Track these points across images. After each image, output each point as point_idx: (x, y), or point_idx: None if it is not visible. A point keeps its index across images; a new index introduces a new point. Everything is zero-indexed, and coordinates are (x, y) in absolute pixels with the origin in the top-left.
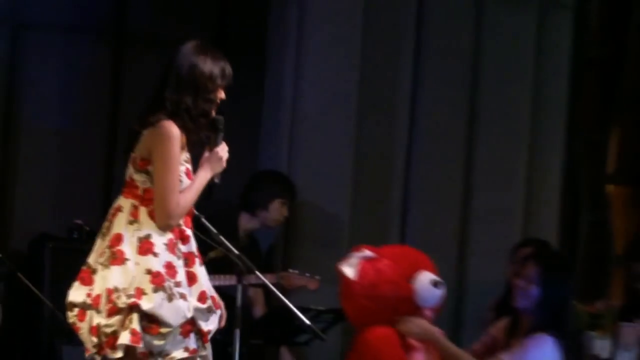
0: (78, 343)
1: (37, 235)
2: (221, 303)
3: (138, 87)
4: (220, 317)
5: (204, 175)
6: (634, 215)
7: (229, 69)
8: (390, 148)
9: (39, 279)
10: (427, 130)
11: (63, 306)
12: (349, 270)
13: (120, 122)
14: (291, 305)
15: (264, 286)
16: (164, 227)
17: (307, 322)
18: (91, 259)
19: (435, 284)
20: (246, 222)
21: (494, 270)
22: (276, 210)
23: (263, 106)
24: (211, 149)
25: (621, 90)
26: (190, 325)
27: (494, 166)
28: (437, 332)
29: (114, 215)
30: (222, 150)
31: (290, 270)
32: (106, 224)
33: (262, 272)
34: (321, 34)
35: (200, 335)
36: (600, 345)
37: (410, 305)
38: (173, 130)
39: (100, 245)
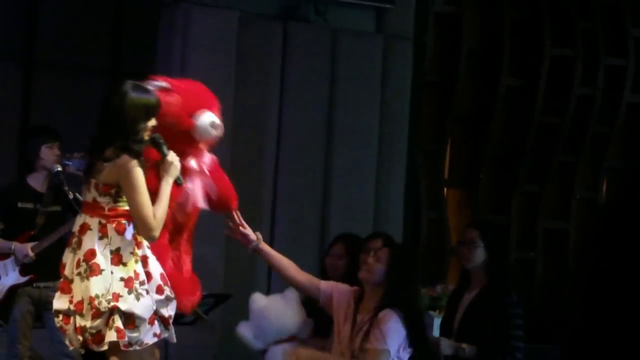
0: None
1: None
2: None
3: (44, 105)
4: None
5: (165, 184)
6: (465, 213)
7: (153, 101)
8: (261, 158)
9: None
10: (292, 142)
11: None
12: None
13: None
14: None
15: None
16: (149, 239)
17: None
18: (67, 271)
19: (212, 125)
20: (38, 182)
21: None
22: (48, 154)
23: None
24: (162, 160)
25: (453, 109)
26: (154, 315)
27: (349, 172)
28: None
29: (82, 232)
30: (172, 156)
31: None
32: (74, 239)
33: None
34: (201, 60)
35: (162, 320)
36: (437, 322)
37: (188, 138)
38: (131, 160)
39: (72, 258)
